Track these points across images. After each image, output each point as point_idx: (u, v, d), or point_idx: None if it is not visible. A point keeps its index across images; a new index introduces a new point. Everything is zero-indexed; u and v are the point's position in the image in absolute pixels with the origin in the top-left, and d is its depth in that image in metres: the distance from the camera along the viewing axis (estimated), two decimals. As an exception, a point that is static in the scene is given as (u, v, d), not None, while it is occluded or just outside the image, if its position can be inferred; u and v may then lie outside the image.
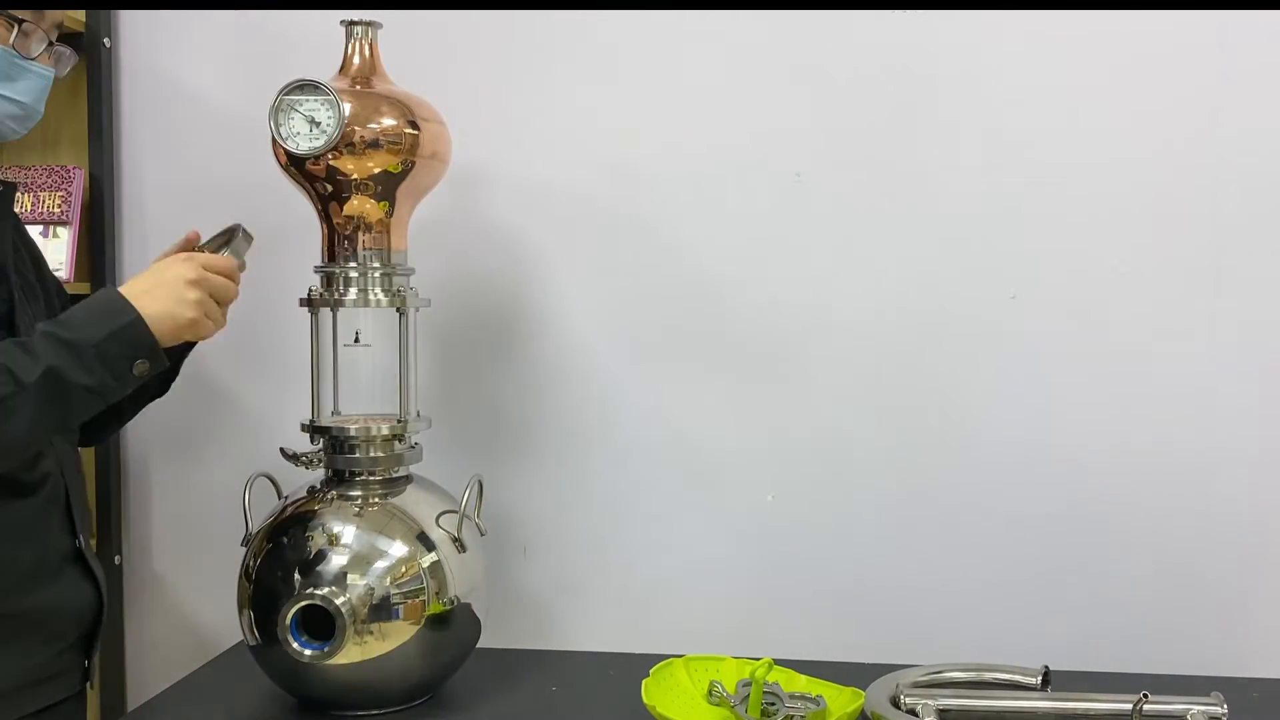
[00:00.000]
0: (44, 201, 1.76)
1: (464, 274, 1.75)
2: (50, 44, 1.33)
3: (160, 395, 1.52)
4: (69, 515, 1.37)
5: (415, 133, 1.46)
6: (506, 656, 1.65)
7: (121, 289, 1.24)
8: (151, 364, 1.23)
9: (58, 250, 1.75)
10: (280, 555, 1.43)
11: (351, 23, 1.49)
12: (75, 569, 1.37)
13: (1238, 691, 1.44)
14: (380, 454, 1.48)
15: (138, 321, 1.21)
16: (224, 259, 1.34)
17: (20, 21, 1.29)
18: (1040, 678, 1.48)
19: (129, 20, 1.79)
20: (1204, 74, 1.61)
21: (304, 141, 1.41)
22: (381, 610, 1.39)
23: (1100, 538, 1.67)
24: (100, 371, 1.19)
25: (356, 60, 1.49)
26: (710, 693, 1.39)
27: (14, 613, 1.29)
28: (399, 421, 1.49)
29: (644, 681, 1.35)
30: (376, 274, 1.47)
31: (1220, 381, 1.63)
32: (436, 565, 1.44)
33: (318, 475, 1.51)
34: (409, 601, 1.41)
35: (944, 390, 1.69)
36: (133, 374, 1.22)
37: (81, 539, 1.38)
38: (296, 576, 1.39)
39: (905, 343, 1.69)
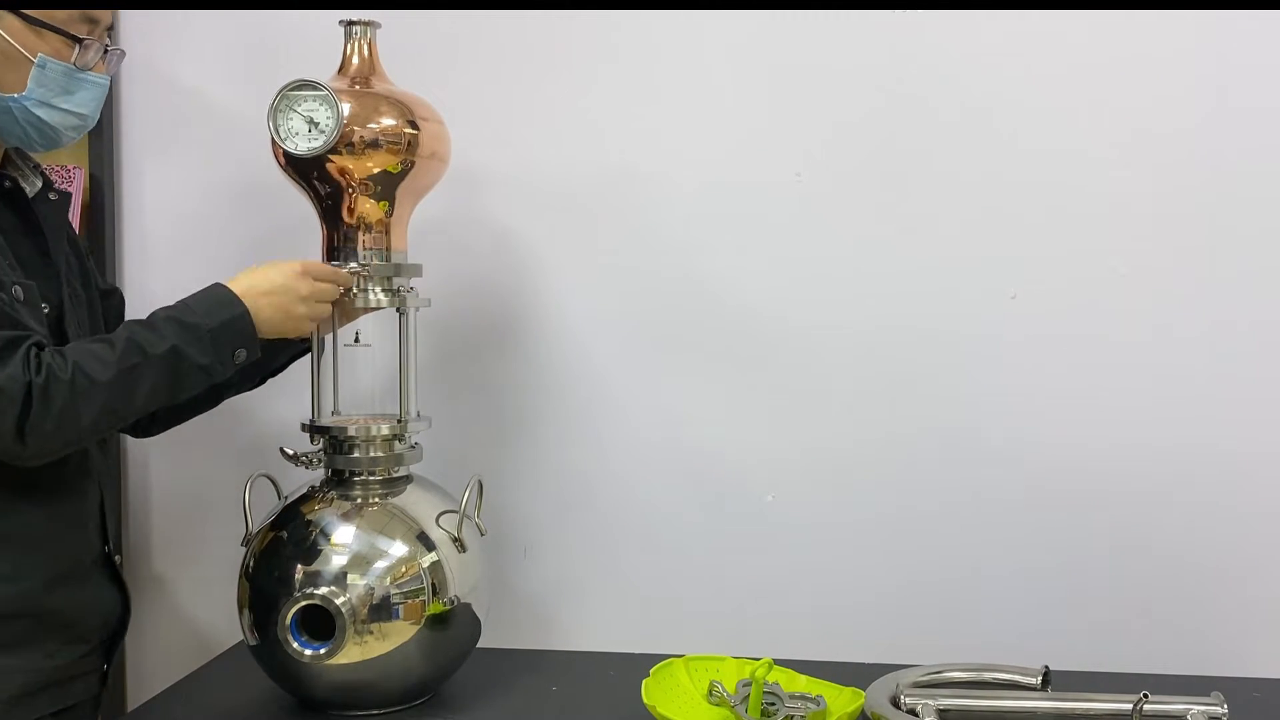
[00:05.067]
0: (44, 201, 1.76)
1: (464, 274, 1.75)
2: (105, 50, 1.34)
3: (253, 387, 1.59)
4: (103, 521, 1.42)
5: (415, 132, 1.46)
6: (506, 656, 1.65)
7: (232, 284, 1.37)
8: (249, 353, 1.37)
9: (58, 250, 1.75)
10: (280, 555, 1.43)
11: (350, 23, 1.49)
12: (103, 574, 1.42)
13: (1238, 691, 1.44)
14: (380, 454, 1.48)
15: (245, 315, 1.35)
16: (329, 267, 1.45)
17: (80, 40, 1.30)
18: (1040, 678, 1.48)
19: (129, 20, 1.78)
20: (1203, 74, 1.61)
21: (303, 142, 1.41)
22: (381, 610, 1.39)
23: (1100, 538, 1.66)
24: (212, 354, 1.32)
25: (355, 60, 1.49)
26: (710, 693, 1.39)
27: (41, 612, 1.32)
28: (399, 421, 1.49)
29: (644, 681, 1.35)
30: (376, 274, 1.47)
31: (1220, 381, 1.63)
32: (436, 565, 1.44)
33: (318, 475, 1.51)
34: (409, 601, 1.41)
35: (944, 389, 1.68)
36: (234, 360, 1.35)
37: (110, 545, 1.43)
38: (296, 576, 1.39)
39: (905, 341, 1.69)
